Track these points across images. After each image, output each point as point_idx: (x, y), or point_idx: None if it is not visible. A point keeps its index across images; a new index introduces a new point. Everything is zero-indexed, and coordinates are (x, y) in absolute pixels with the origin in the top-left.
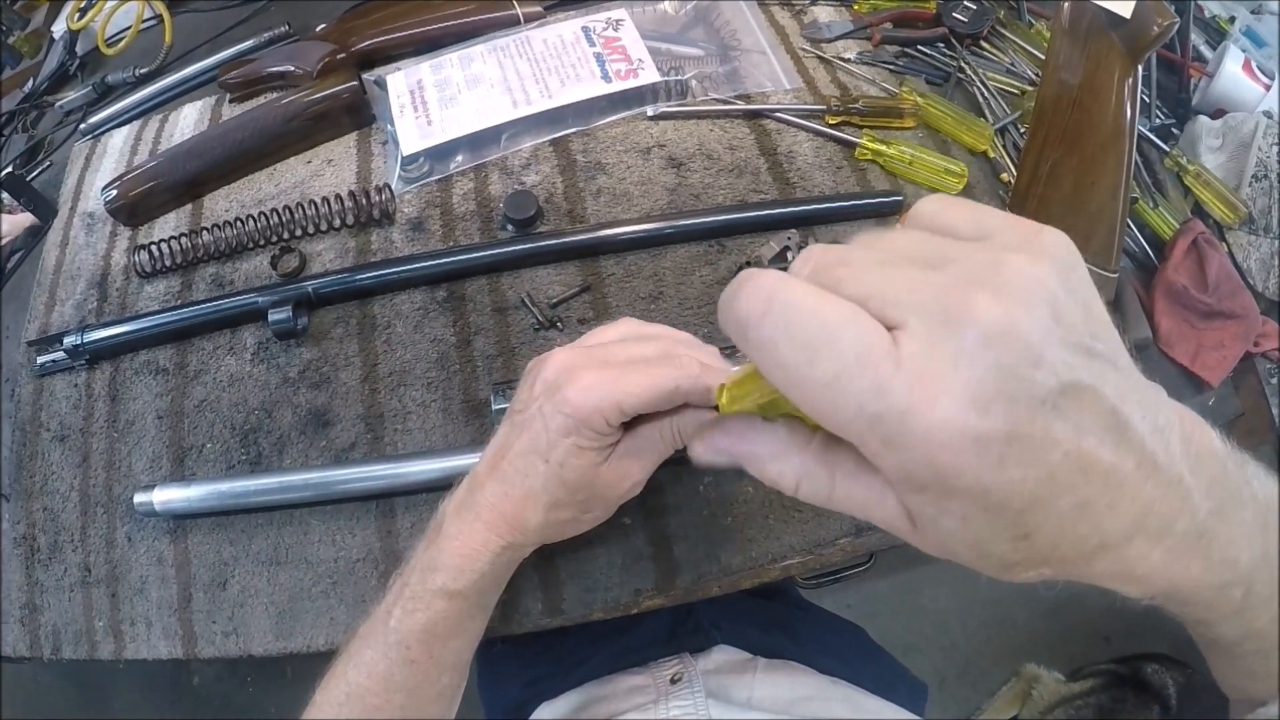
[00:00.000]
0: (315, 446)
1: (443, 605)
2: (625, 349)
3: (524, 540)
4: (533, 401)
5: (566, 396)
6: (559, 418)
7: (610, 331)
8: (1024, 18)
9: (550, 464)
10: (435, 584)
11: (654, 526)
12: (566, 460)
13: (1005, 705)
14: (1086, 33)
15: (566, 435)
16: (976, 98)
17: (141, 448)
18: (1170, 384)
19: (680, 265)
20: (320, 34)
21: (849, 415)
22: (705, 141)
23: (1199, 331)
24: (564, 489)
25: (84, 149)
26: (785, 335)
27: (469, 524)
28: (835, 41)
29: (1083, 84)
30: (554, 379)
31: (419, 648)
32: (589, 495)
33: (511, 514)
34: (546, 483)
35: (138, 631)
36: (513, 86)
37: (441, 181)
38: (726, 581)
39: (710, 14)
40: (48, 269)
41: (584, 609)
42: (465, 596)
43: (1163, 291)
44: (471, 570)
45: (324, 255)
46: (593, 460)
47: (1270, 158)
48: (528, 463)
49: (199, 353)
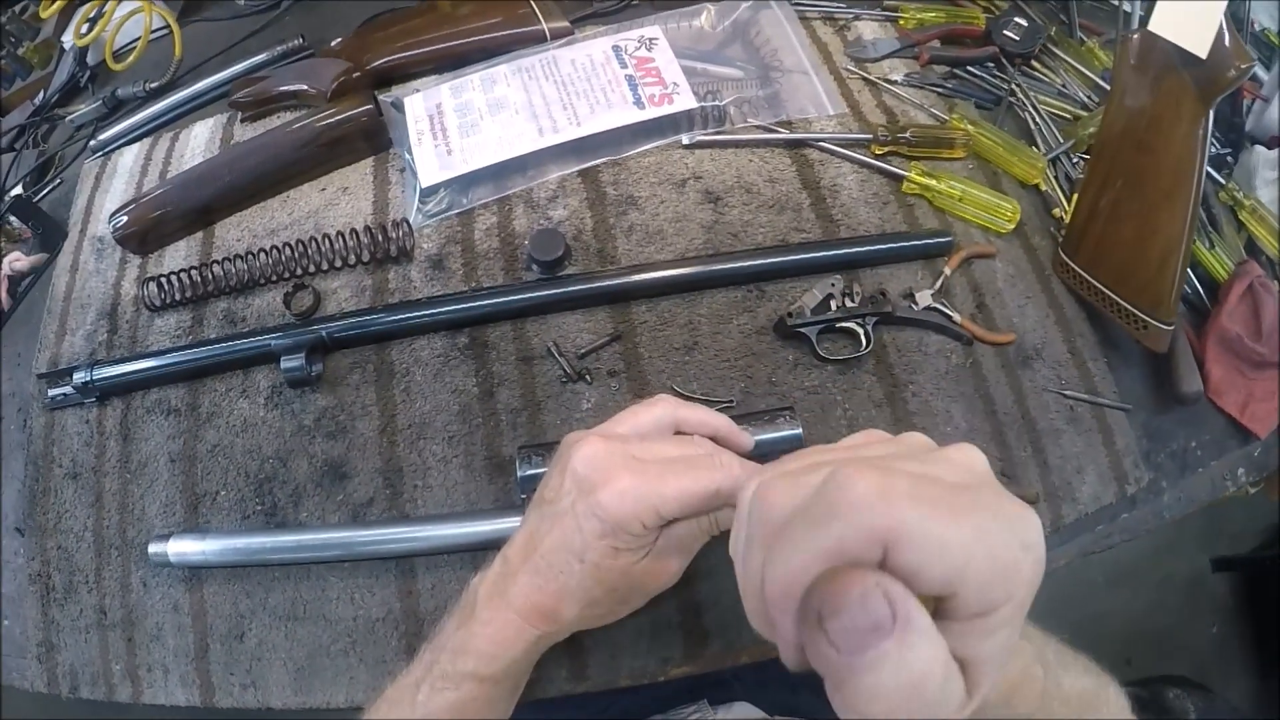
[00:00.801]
0: (332, 500)
1: (472, 689)
2: (664, 449)
3: (558, 630)
4: (564, 494)
5: (601, 500)
6: (593, 520)
7: (645, 415)
8: (1075, 34)
9: (585, 564)
10: (466, 667)
11: (684, 594)
12: (602, 562)
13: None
14: (1157, 70)
15: (601, 538)
16: (1028, 123)
17: (154, 491)
18: (1217, 433)
19: (717, 313)
20: (335, 49)
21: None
22: (744, 173)
23: (1250, 381)
24: (600, 588)
25: (94, 168)
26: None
27: (502, 612)
28: (881, 61)
29: (1149, 124)
30: (588, 476)
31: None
32: (628, 589)
33: (546, 607)
34: (582, 581)
35: (155, 677)
36: (539, 112)
37: (462, 215)
38: (756, 650)
39: (749, 30)
40: (58, 295)
41: (610, 675)
42: (496, 682)
43: (1215, 339)
44: (504, 658)
45: (339, 293)
46: (629, 561)
47: None
48: (562, 559)
49: (211, 394)
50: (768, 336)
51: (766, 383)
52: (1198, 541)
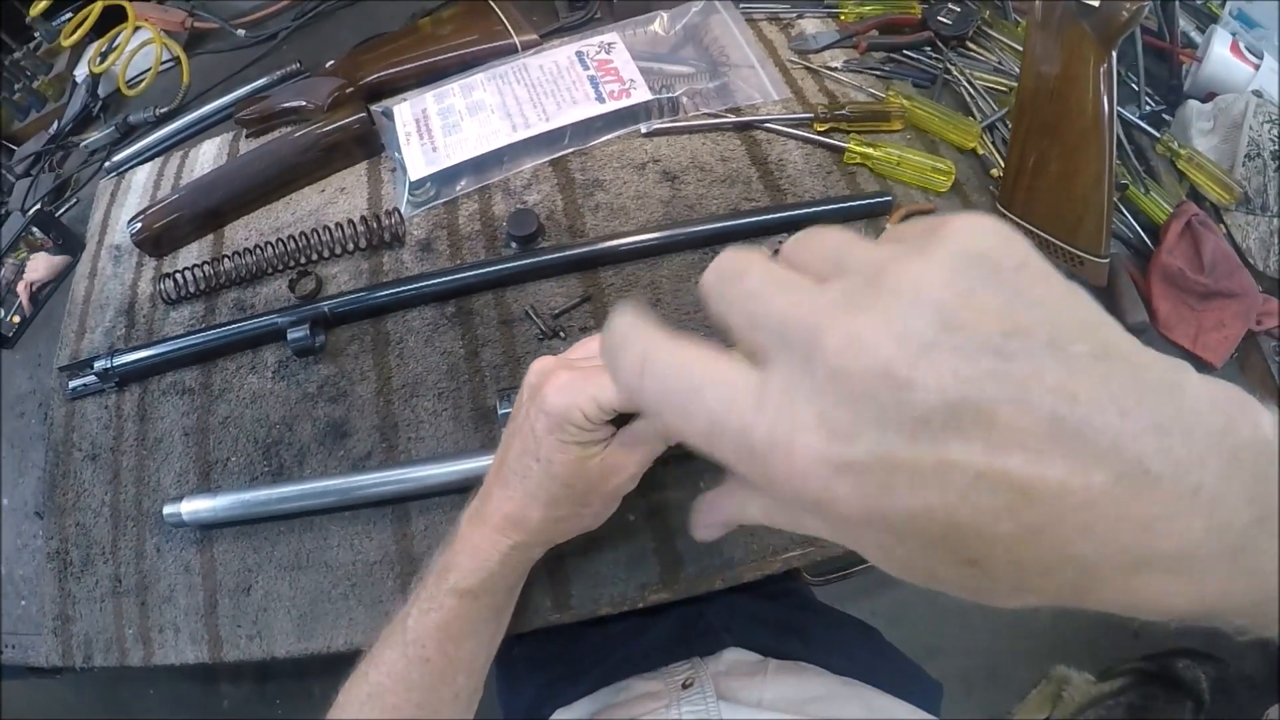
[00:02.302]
0: (334, 457)
1: (454, 604)
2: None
3: (529, 540)
4: (521, 407)
5: (545, 396)
6: (541, 418)
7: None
8: (1009, 17)
9: (540, 462)
10: (448, 584)
11: (657, 523)
12: (553, 457)
13: (1036, 707)
14: (1060, 25)
15: (549, 433)
16: (964, 97)
17: (169, 463)
18: None
19: (676, 273)
20: (330, 70)
21: (733, 459)
22: (698, 155)
23: (1198, 313)
24: (556, 484)
25: (109, 186)
26: (664, 401)
27: (478, 528)
28: (822, 52)
29: (1060, 75)
30: (536, 382)
31: (433, 647)
32: (584, 490)
33: (514, 514)
34: (541, 481)
35: (166, 638)
36: (512, 111)
37: (448, 204)
38: (729, 574)
39: (699, 33)
40: (77, 299)
41: (591, 604)
42: (476, 595)
43: (1158, 275)
44: (481, 569)
45: (339, 277)
46: (578, 455)
47: (1262, 136)
48: (522, 464)
49: (223, 372)
50: None
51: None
52: None
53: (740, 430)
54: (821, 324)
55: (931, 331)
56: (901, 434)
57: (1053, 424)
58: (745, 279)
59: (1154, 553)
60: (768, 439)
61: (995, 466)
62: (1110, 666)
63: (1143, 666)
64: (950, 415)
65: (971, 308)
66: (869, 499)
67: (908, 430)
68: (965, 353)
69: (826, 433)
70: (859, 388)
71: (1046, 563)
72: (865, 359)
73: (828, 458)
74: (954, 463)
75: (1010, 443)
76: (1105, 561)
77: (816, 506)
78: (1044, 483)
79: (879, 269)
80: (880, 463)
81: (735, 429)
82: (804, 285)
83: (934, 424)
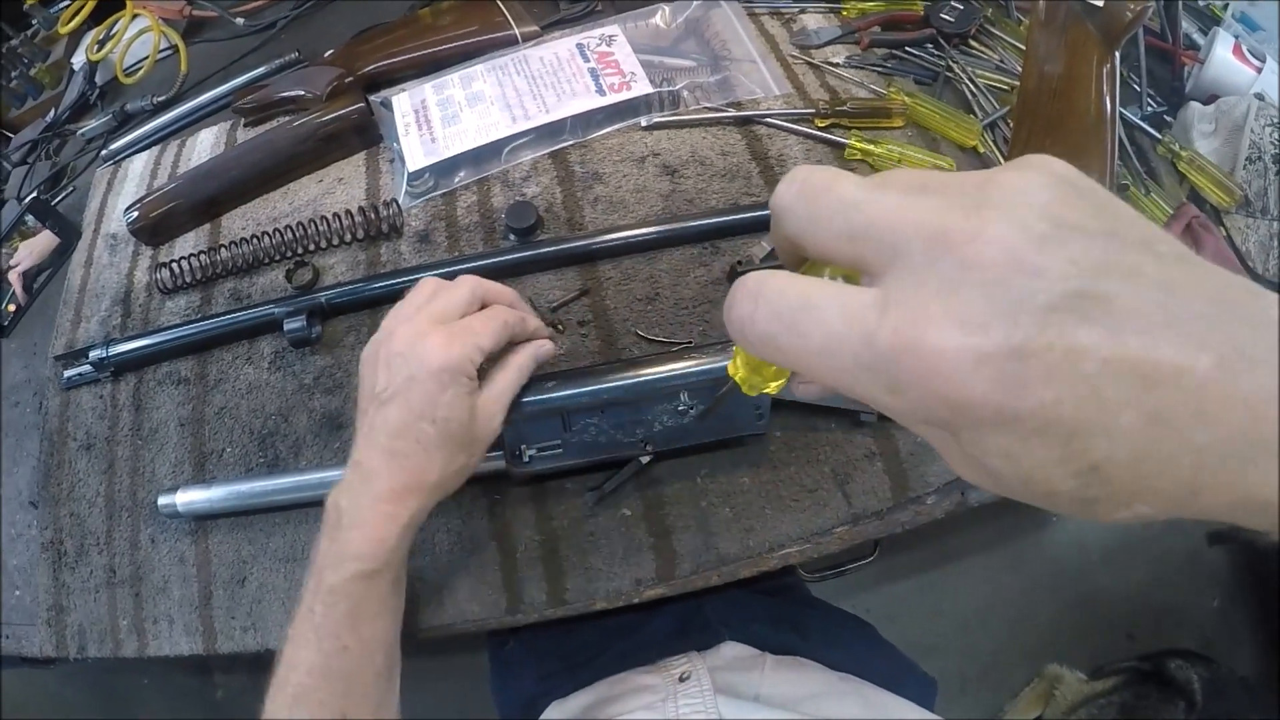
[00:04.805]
0: (329, 448)
1: (362, 589)
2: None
3: (425, 502)
4: (393, 379)
5: (430, 360)
6: (431, 379)
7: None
8: (1012, 15)
9: (438, 422)
10: (350, 571)
11: (654, 518)
12: (451, 414)
13: (1028, 706)
14: (1064, 24)
15: (444, 390)
16: (966, 95)
17: (164, 454)
18: None
19: (675, 267)
20: (328, 59)
21: (850, 375)
22: (698, 149)
23: None
24: (453, 440)
25: (105, 174)
26: (777, 322)
27: (370, 508)
28: (824, 47)
29: (1063, 74)
30: (409, 350)
31: (349, 634)
32: (471, 438)
33: (411, 483)
34: (440, 439)
35: (160, 629)
36: (511, 103)
37: (446, 195)
38: (726, 570)
39: (701, 26)
40: (73, 288)
41: (587, 599)
42: (380, 575)
43: None
44: (381, 549)
45: (336, 268)
46: (468, 405)
47: (1263, 139)
48: (415, 429)
49: (219, 363)
50: (722, 285)
51: (722, 325)
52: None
53: (863, 338)
54: (942, 223)
55: (1046, 226)
56: (1033, 322)
57: (1161, 310)
58: (837, 189)
59: (1262, 437)
60: (894, 341)
61: (1118, 351)
62: (1103, 666)
63: (1135, 666)
64: (1076, 301)
65: (1073, 210)
66: (1005, 393)
67: (1039, 318)
68: (1078, 244)
69: (960, 325)
70: (990, 279)
71: (1165, 456)
72: (994, 249)
73: (964, 349)
74: (1083, 349)
75: (1127, 328)
76: (1219, 447)
77: (950, 406)
78: (1160, 365)
79: (976, 183)
80: (1016, 352)
81: (857, 338)
82: (905, 194)
83: (1061, 310)
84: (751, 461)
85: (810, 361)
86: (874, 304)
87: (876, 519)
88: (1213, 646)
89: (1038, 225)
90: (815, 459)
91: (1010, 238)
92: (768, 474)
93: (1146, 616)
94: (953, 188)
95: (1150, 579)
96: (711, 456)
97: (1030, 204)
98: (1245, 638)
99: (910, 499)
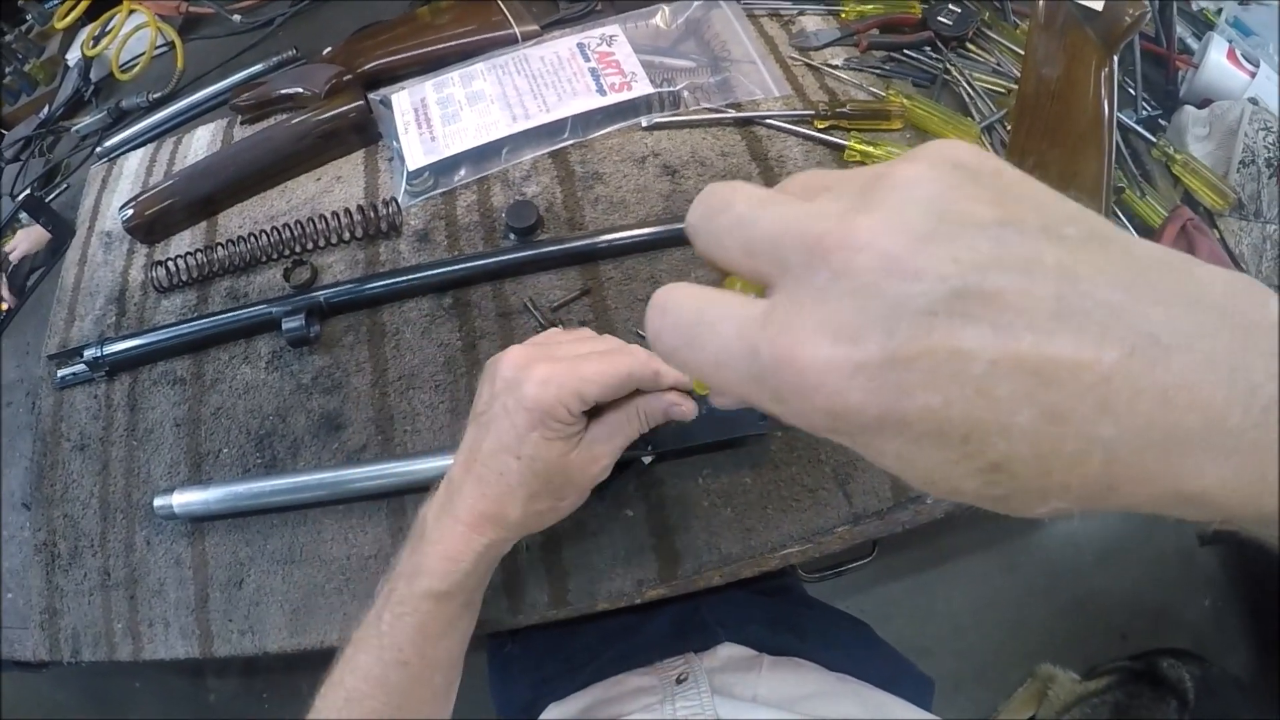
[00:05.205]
0: (328, 449)
1: (430, 607)
2: (575, 346)
3: (505, 535)
4: (494, 401)
5: (526, 393)
6: (522, 414)
7: (563, 335)
8: (1009, 18)
9: (522, 459)
10: (421, 588)
11: (656, 518)
12: (537, 453)
13: (1021, 706)
14: (1062, 28)
15: (532, 429)
16: (963, 98)
17: (160, 455)
18: None
19: (676, 267)
20: (327, 57)
21: (743, 386)
22: (698, 149)
23: None
24: (538, 480)
25: (100, 171)
26: (679, 335)
27: (449, 527)
28: (823, 49)
29: (1061, 78)
30: (513, 376)
31: (411, 650)
32: (563, 482)
33: (491, 512)
34: (522, 477)
35: (155, 632)
36: (512, 102)
37: (446, 194)
38: (727, 570)
39: (701, 28)
40: (67, 286)
41: (589, 599)
42: (451, 597)
43: None
44: (456, 571)
45: (334, 267)
46: (561, 450)
47: (1257, 143)
48: (500, 461)
49: (215, 363)
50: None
51: None
52: None
53: (748, 351)
54: (816, 229)
55: (929, 223)
56: (910, 328)
57: (1057, 302)
58: (733, 207)
59: (1179, 427)
60: (773, 354)
61: (1008, 350)
62: (1096, 665)
63: (1128, 665)
64: (957, 302)
65: (964, 199)
66: (884, 401)
67: (916, 323)
68: (964, 240)
69: (831, 336)
70: (862, 285)
71: (1070, 453)
72: (865, 255)
73: (834, 360)
74: (967, 351)
75: (1018, 325)
76: (1130, 441)
77: (830, 415)
78: (1056, 362)
79: (866, 179)
80: (891, 361)
81: (744, 350)
82: (794, 202)
83: (941, 313)
84: (753, 462)
85: (709, 373)
86: (759, 317)
87: (877, 518)
88: (1205, 646)
89: (919, 223)
90: (816, 459)
91: (884, 241)
92: (769, 474)
93: (1140, 617)
94: (846, 187)
95: (1144, 579)
96: (713, 457)
97: (916, 199)
98: (1238, 637)
99: (910, 498)
